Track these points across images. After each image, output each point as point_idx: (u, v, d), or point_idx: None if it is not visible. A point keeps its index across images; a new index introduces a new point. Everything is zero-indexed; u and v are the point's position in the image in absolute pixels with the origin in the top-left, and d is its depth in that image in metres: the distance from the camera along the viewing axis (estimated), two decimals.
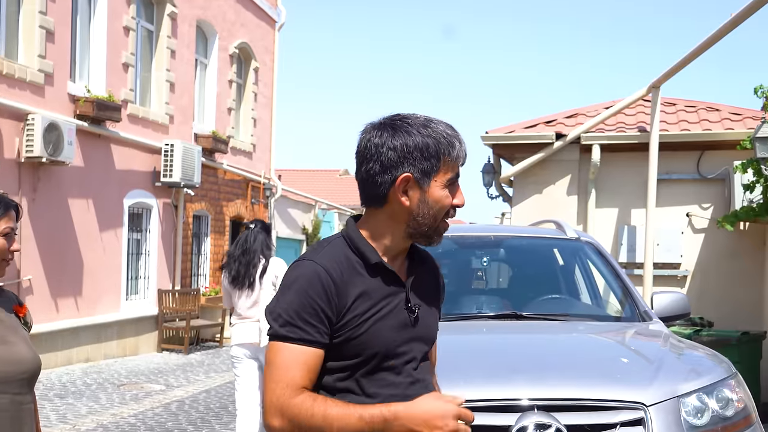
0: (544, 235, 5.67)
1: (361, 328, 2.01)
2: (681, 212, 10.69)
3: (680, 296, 5.01)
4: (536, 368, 3.77)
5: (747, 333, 9.13)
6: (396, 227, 2.09)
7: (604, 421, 3.38)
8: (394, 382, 2.06)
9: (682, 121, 10.68)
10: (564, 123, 10.85)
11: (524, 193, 10.86)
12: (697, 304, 10.57)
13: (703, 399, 3.56)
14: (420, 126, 2.03)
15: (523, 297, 5.24)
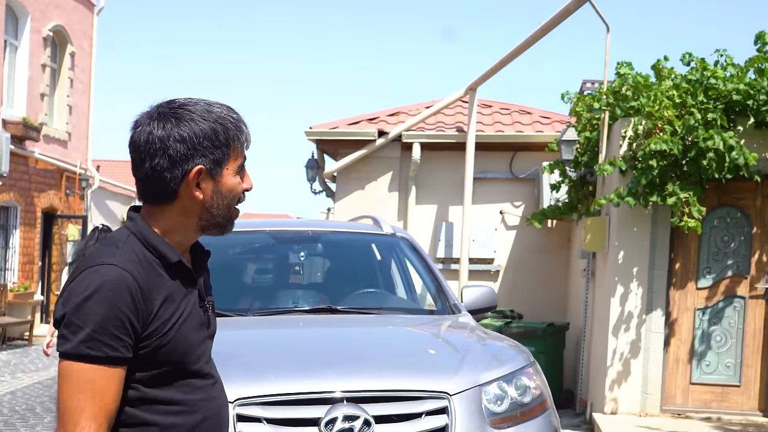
0: (361, 231, 5.77)
1: (168, 335, 1.84)
2: (495, 210, 11.19)
3: (488, 290, 5.22)
4: (348, 361, 3.84)
5: (552, 324, 9.69)
6: (187, 222, 1.93)
7: (410, 410, 3.50)
8: (199, 386, 1.95)
9: (497, 122, 11.17)
10: (386, 121, 11.08)
11: (347, 189, 11.00)
12: (509, 298, 11.11)
13: (503, 387, 3.75)
14: (204, 112, 1.88)
15: (339, 291, 5.31)
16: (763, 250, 7.62)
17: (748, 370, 7.67)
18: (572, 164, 8.90)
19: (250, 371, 3.65)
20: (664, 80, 7.72)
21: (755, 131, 7.45)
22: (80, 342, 1.73)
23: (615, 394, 7.75)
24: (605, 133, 8.27)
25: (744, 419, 7.55)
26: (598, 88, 9.07)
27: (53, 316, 1.92)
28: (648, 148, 7.16)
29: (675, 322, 7.77)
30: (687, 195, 7.11)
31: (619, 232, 7.77)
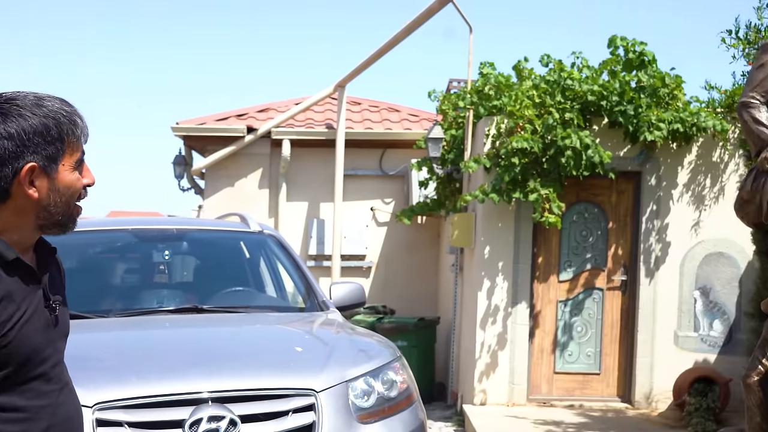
0: (228, 229, 5.69)
1: (8, 337, 1.75)
2: (366, 206, 11.26)
3: (356, 286, 5.26)
4: (213, 361, 3.78)
5: (423, 319, 9.85)
6: (23, 221, 1.85)
7: (277, 409, 3.49)
8: (44, 391, 1.85)
9: (366, 120, 11.25)
10: (255, 117, 10.96)
11: (216, 186, 10.81)
12: (381, 293, 11.22)
13: (369, 382, 3.78)
14: (33, 106, 1.80)
15: (206, 290, 5.22)
16: (619, 244, 8.00)
17: (607, 359, 8.03)
18: (439, 161, 9.07)
19: (111, 374, 3.54)
20: (525, 80, 8.00)
21: (609, 130, 7.82)
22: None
23: (484, 386, 7.95)
24: (470, 132, 8.48)
25: (604, 405, 7.90)
26: (462, 87, 9.28)
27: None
28: (510, 146, 7.39)
29: (539, 314, 8.04)
30: (547, 191, 7.38)
31: (485, 228, 7.98)
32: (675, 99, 7.64)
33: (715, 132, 7.54)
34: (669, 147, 7.82)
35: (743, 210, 4.67)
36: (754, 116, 4.44)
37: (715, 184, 7.88)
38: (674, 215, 7.89)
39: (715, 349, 7.84)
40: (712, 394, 7.18)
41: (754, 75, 4.49)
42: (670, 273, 7.87)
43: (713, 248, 7.86)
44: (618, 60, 7.83)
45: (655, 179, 7.89)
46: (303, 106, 10.55)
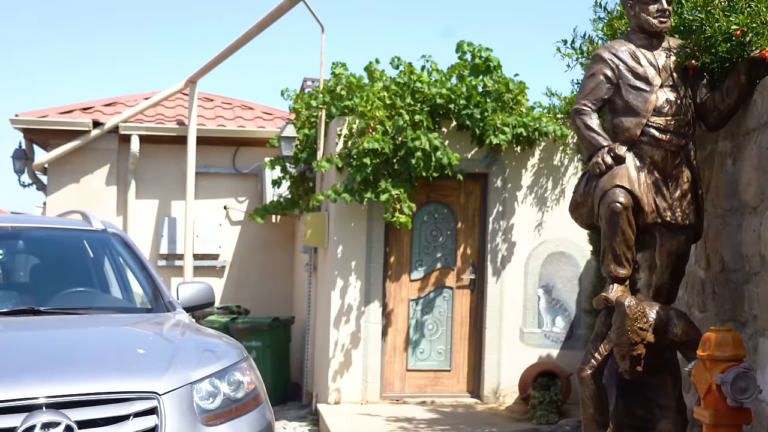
0: (69, 227, 5.44)
1: None
2: (219, 205, 11.09)
3: (204, 286, 5.15)
4: (49, 365, 3.62)
5: (278, 319, 9.79)
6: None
7: (117, 413, 3.38)
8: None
9: (219, 116, 11.08)
10: (102, 111, 10.57)
11: (60, 182, 10.36)
12: (236, 293, 11.08)
13: (215, 383, 3.72)
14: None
15: (44, 291, 4.98)
16: (467, 243, 8.23)
17: (457, 356, 8.24)
18: (292, 160, 9.05)
19: None
20: (376, 82, 8.10)
21: (457, 133, 8.03)
22: None
23: (338, 384, 7.98)
24: (322, 131, 8.51)
25: (455, 401, 8.09)
26: (316, 86, 9.30)
27: None
28: (361, 146, 7.47)
29: (391, 313, 8.16)
30: (398, 192, 7.50)
31: (338, 228, 8.02)
32: (519, 104, 7.95)
33: (555, 137, 7.89)
34: (513, 150, 8.12)
35: (577, 212, 4.91)
36: (586, 123, 4.68)
37: (557, 186, 8.25)
38: (519, 216, 8.20)
39: (558, 344, 8.19)
40: (555, 388, 7.50)
41: (586, 84, 4.73)
42: (515, 272, 8.16)
43: (555, 248, 8.22)
44: (465, 65, 8.06)
45: (500, 181, 8.17)
46: (153, 100, 10.27)
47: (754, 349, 4.39)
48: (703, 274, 5.12)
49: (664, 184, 4.60)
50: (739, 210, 4.61)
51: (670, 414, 4.57)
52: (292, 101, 9.28)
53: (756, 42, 4.14)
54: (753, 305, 4.40)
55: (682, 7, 4.65)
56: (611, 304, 4.50)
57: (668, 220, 4.60)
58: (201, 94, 10.96)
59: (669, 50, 4.68)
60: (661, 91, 4.59)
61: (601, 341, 4.63)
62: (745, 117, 4.55)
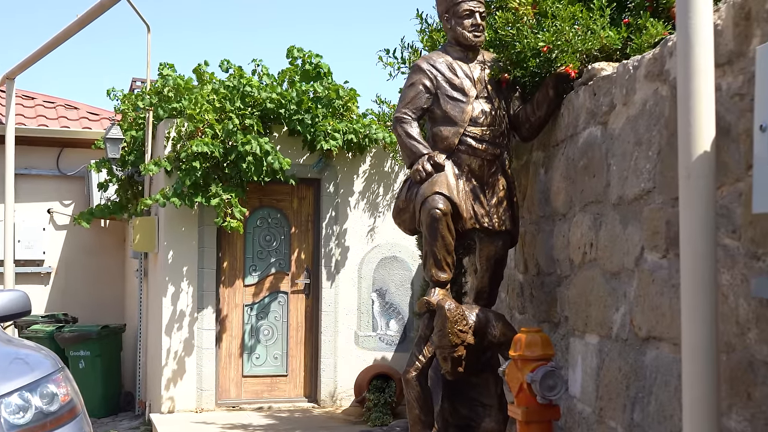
0: None
1: None
2: (43, 208, 10.57)
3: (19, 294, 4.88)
4: None
5: (107, 326, 9.43)
6: None
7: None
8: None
9: (40, 115, 10.56)
10: None
11: None
12: (62, 301, 10.59)
13: (26, 397, 3.55)
14: None
15: None
16: (302, 248, 8.21)
17: (293, 361, 8.21)
18: (119, 163, 8.74)
19: None
20: (206, 84, 7.95)
21: (288, 138, 8.01)
22: None
23: (171, 393, 7.78)
24: (150, 133, 8.26)
25: (292, 406, 8.07)
26: (143, 87, 9.03)
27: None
28: (191, 149, 7.31)
29: (225, 319, 8.03)
30: (229, 196, 7.39)
31: (168, 232, 7.81)
32: (349, 110, 8.02)
33: (385, 144, 8.02)
34: (345, 156, 8.18)
35: (400, 217, 5.00)
36: (407, 131, 4.77)
37: (388, 192, 8.38)
38: (352, 221, 8.27)
39: (392, 347, 8.32)
40: (389, 390, 7.61)
41: (407, 93, 4.83)
42: (349, 276, 8.23)
43: (387, 252, 8.35)
44: (296, 70, 8.05)
45: (333, 186, 8.21)
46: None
47: (566, 348, 4.60)
48: (522, 277, 5.33)
49: (481, 191, 4.75)
50: (551, 217, 4.83)
51: (493, 412, 4.73)
52: (119, 102, 8.97)
53: (561, 58, 4.34)
54: (564, 307, 4.62)
55: (496, 23, 4.81)
56: (433, 307, 4.60)
57: (486, 226, 4.75)
58: (20, 92, 10.41)
59: (484, 63, 4.84)
60: (476, 102, 4.73)
61: (425, 344, 4.74)
62: (554, 129, 4.77)
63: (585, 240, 4.32)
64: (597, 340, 4.19)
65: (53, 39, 7.41)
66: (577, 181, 4.43)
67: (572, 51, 4.29)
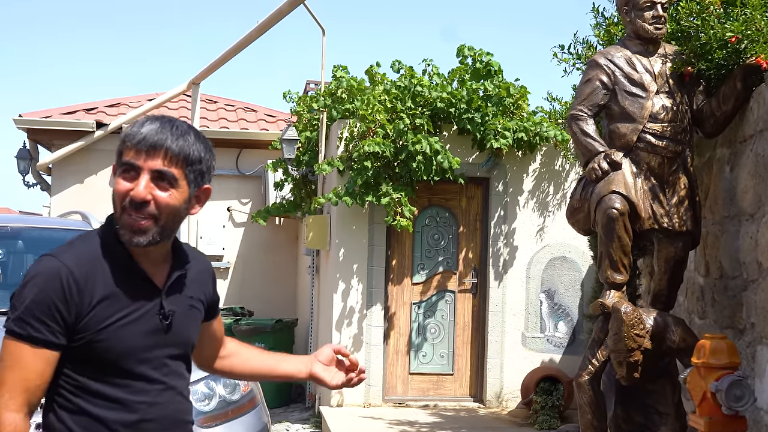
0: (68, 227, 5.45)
1: (103, 333, 1.93)
2: (223, 207, 11.09)
3: None
4: None
5: (281, 321, 9.78)
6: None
7: None
8: (144, 387, 2.00)
9: (222, 118, 11.09)
10: (105, 112, 10.59)
11: (64, 183, 10.38)
12: (239, 295, 11.07)
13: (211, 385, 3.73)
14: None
15: None
16: (469, 247, 8.20)
17: (460, 360, 8.21)
18: (294, 163, 9.04)
19: None
20: (377, 85, 8.07)
21: (458, 137, 8.01)
22: (12, 320, 1.90)
23: None
24: (323, 134, 8.49)
25: (457, 405, 8.07)
26: (318, 89, 9.29)
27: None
28: (362, 149, 7.45)
29: (393, 316, 8.13)
30: (399, 195, 7.48)
31: (339, 230, 8.00)
32: (519, 108, 7.92)
33: (556, 142, 7.85)
34: (515, 154, 8.09)
35: (574, 217, 4.88)
36: (582, 128, 4.65)
37: (558, 191, 8.21)
38: (520, 220, 8.16)
39: (560, 349, 8.15)
40: (557, 393, 7.46)
41: (582, 89, 4.70)
42: (517, 276, 8.13)
43: (557, 253, 8.18)
44: (467, 69, 8.03)
45: (502, 185, 8.14)
46: (156, 102, 10.28)
47: (752, 357, 4.35)
48: (703, 280, 5.08)
49: (660, 190, 4.56)
50: (737, 217, 4.57)
51: (669, 421, 4.55)
52: (294, 104, 9.27)
53: (751, 49, 4.11)
54: (751, 313, 4.37)
55: (678, 14, 4.61)
56: (608, 310, 4.47)
57: (665, 227, 4.56)
58: (204, 96, 10.97)
59: (665, 56, 4.64)
60: (657, 98, 4.55)
61: (599, 347, 4.61)
62: (741, 124, 4.52)
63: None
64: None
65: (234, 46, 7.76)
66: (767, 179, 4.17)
67: (764, 41, 4.04)
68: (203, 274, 2.20)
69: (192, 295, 2.14)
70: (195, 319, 2.15)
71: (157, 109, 10.63)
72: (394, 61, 8.07)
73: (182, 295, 2.10)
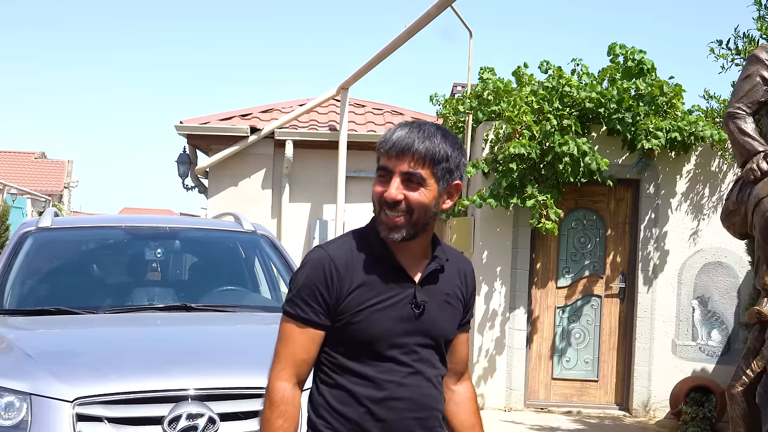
0: (221, 228, 5.72)
1: (359, 315, 2.17)
2: (368, 208, 11.19)
3: None
4: (195, 358, 3.81)
5: None
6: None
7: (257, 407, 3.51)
8: (393, 369, 2.20)
9: (369, 122, 11.26)
10: (259, 117, 10.98)
11: (220, 186, 10.85)
12: None
13: None
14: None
15: (196, 289, 5.25)
16: (617, 251, 7.99)
17: (605, 366, 8.02)
18: None
19: (91, 369, 3.58)
20: (524, 86, 8.00)
21: (607, 138, 7.81)
22: (286, 302, 2.24)
23: (481, 390, 7.95)
24: (469, 136, 8.49)
25: (602, 412, 7.89)
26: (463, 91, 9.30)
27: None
28: (508, 151, 7.40)
29: (537, 320, 8.04)
30: (545, 197, 7.38)
31: (483, 233, 7.99)
32: (673, 107, 7.63)
33: (713, 142, 7.52)
34: (667, 155, 7.81)
35: (729, 220, 4.68)
36: (740, 127, 4.45)
37: (714, 193, 7.86)
38: (672, 224, 7.88)
39: (714, 358, 7.82)
40: (709, 404, 7.17)
41: (741, 86, 4.50)
42: (668, 281, 7.85)
43: (712, 257, 7.84)
44: (618, 68, 7.82)
45: (653, 187, 7.88)
46: (307, 107, 10.57)
47: None
48: None
49: None
50: None
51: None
52: (440, 106, 9.32)
53: None
54: None
55: None
56: (764, 318, 4.26)
57: None
58: (352, 100, 11.17)
59: None
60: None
61: (754, 357, 4.40)
62: None
63: None
64: None
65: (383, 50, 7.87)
66: None
67: None
68: (463, 274, 2.37)
69: (449, 292, 2.31)
70: (450, 314, 2.32)
71: (307, 114, 10.95)
72: (542, 62, 7.97)
73: (437, 290, 2.28)
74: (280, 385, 2.20)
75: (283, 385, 2.20)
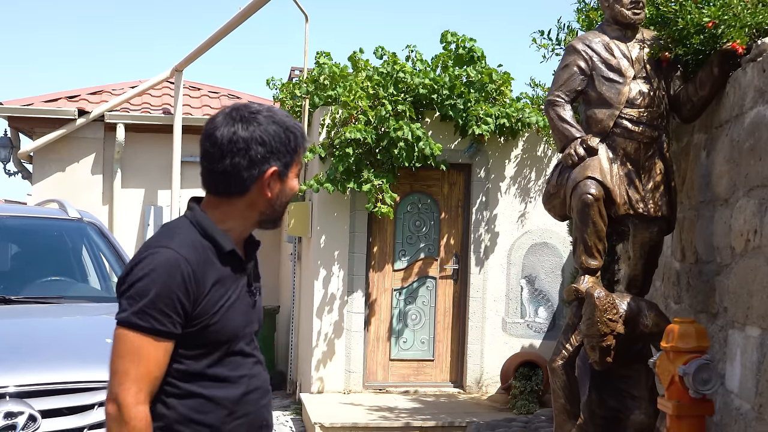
0: (44, 216, 5.45)
1: (216, 316, 2.06)
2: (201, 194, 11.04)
3: None
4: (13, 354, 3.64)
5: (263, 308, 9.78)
6: (250, 215, 2.16)
7: (81, 402, 3.40)
8: (241, 362, 2.14)
9: (205, 105, 11.03)
10: (88, 99, 10.52)
11: (46, 171, 10.32)
12: None
13: None
14: (276, 119, 2.13)
15: (17, 280, 4.99)
16: (451, 234, 8.23)
17: (440, 346, 8.25)
18: None
19: None
20: (360, 71, 8.07)
21: (440, 123, 8.02)
22: (132, 313, 1.99)
23: (321, 374, 8.00)
24: (306, 121, 8.48)
25: (438, 390, 8.12)
26: (300, 76, 9.27)
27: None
28: (344, 136, 7.46)
29: (374, 303, 8.16)
30: (381, 182, 7.49)
31: (321, 217, 8.02)
32: (502, 95, 7.94)
33: (538, 128, 7.88)
34: (497, 141, 8.11)
35: (550, 203, 4.92)
36: (560, 114, 4.68)
37: (540, 177, 8.25)
38: (502, 206, 8.20)
39: (540, 334, 8.21)
40: (536, 378, 7.52)
41: (560, 75, 4.73)
42: (498, 262, 8.17)
43: (538, 238, 8.23)
44: (450, 55, 8.04)
45: (484, 172, 8.17)
46: (139, 89, 10.22)
47: (725, 341, 4.40)
48: (679, 265, 5.13)
49: (636, 175, 4.60)
50: (712, 202, 4.61)
51: (643, 405, 4.59)
52: (277, 91, 9.25)
53: (727, 34, 4.13)
54: (723, 297, 4.41)
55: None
56: (582, 295, 4.50)
57: (640, 212, 4.60)
58: (187, 83, 10.91)
59: (643, 42, 4.67)
60: (634, 83, 4.59)
61: (572, 332, 4.65)
62: (718, 109, 4.55)
63: (748, 227, 4.10)
64: (759, 332, 3.97)
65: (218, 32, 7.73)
66: (741, 164, 4.21)
67: (740, 25, 4.07)
68: (255, 253, 2.34)
69: (258, 275, 2.30)
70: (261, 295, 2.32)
71: (139, 97, 10.58)
72: (377, 48, 8.07)
73: (255, 274, 2.28)
74: (141, 411, 1.98)
75: (144, 410, 1.99)
